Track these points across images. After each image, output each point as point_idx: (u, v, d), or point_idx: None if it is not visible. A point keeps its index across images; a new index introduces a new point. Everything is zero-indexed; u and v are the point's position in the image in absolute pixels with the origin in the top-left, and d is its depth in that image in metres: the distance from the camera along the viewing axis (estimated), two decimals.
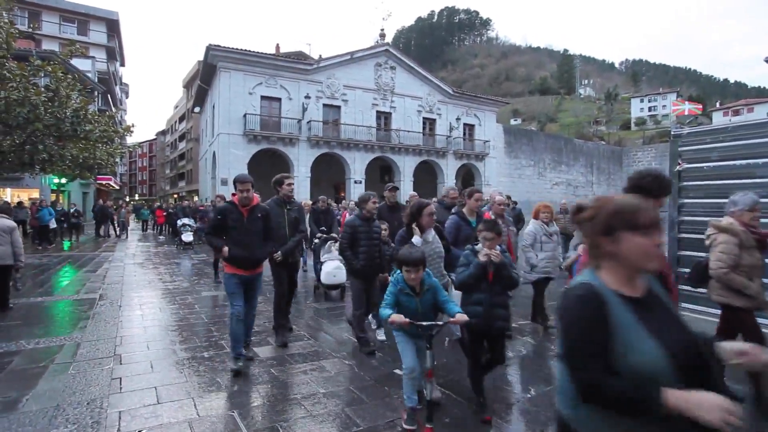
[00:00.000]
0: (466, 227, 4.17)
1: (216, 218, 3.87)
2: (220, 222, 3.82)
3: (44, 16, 29.03)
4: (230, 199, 3.93)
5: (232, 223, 3.78)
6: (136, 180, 76.45)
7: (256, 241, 3.85)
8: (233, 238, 3.77)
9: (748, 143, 4.29)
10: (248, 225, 3.80)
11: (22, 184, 19.60)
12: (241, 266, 3.79)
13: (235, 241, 3.76)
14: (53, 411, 2.95)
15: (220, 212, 3.86)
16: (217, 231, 3.87)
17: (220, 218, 3.81)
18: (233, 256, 3.74)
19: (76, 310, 5.96)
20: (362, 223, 4.23)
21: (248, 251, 3.77)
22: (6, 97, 9.98)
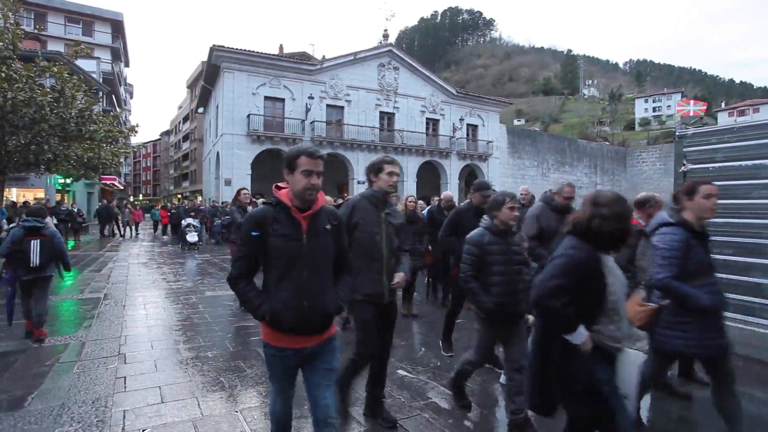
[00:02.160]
0: None
1: (248, 236, 1.89)
2: (254, 244, 1.88)
3: (50, 17, 29.25)
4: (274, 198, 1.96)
5: (279, 243, 1.87)
6: (140, 180, 76.82)
7: (324, 279, 1.96)
8: (278, 274, 1.88)
9: (753, 144, 4.27)
10: (310, 246, 1.90)
11: (27, 184, 19.74)
12: (296, 330, 1.89)
13: (281, 281, 1.87)
14: (58, 409, 2.97)
15: (255, 223, 1.88)
16: (251, 264, 1.93)
17: (256, 236, 1.87)
18: (277, 313, 1.86)
19: (81, 309, 6.00)
20: (494, 239, 2.79)
21: (310, 299, 1.88)
22: (12, 98, 10.06)
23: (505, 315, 2.77)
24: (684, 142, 4.81)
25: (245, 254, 1.90)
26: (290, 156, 1.88)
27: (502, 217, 2.80)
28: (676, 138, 4.89)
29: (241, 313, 5.65)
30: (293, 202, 1.88)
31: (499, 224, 2.82)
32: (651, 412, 3.14)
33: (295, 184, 1.86)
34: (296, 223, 1.87)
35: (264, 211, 1.89)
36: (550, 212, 3.76)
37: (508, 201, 2.80)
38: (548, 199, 3.87)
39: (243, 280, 1.90)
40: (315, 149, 1.88)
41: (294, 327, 1.85)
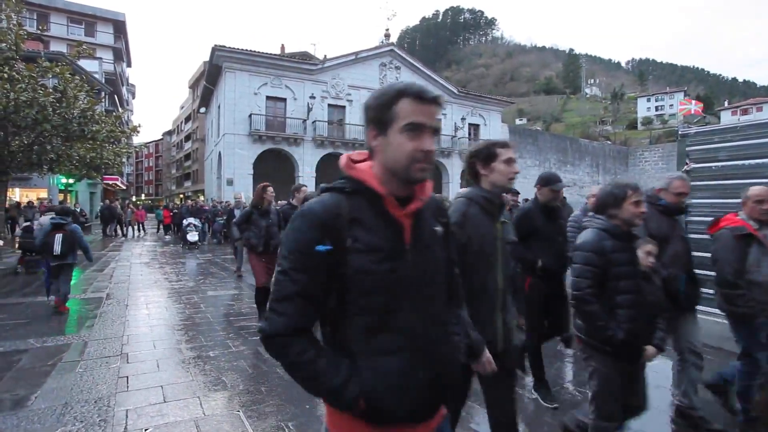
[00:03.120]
0: None
1: (308, 254, 0.98)
2: (320, 269, 0.99)
3: (52, 17, 29.33)
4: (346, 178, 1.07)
5: (368, 264, 0.99)
6: (142, 180, 77.01)
7: (442, 321, 1.14)
8: (369, 323, 1.02)
9: (756, 143, 4.25)
10: (418, 266, 1.05)
11: (30, 184, 19.82)
12: (407, 418, 1.04)
13: (375, 336, 1.02)
14: (61, 409, 2.98)
15: (320, 227, 0.99)
16: (313, 306, 1.02)
17: (324, 253, 0.98)
18: (377, 398, 1.00)
19: (84, 309, 6.02)
20: (617, 245, 2.09)
21: (427, 363, 1.05)
22: (15, 99, 10.10)
23: (634, 347, 2.08)
24: (687, 141, 4.79)
25: (301, 288, 0.98)
26: (381, 101, 1.02)
27: (624, 215, 2.10)
28: (679, 137, 4.87)
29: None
30: (386, 186, 1.02)
31: (621, 225, 2.12)
32: None
33: (392, 150, 1.00)
34: (394, 226, 1.02)
35: (335, 205, 1.00)
36: (658, 214, 2.87)
37: (631, 194, 2.09)
38: (653, 199, 2.93)
39: (299, 339, 0.99)
40: (425, 88, 1.02)
41: (406, 415, 1.03)
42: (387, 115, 1.01)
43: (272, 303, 1.01)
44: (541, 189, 3.23)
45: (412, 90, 1.00)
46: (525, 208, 3.43)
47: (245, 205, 8.99)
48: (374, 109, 1.04)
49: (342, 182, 1.05)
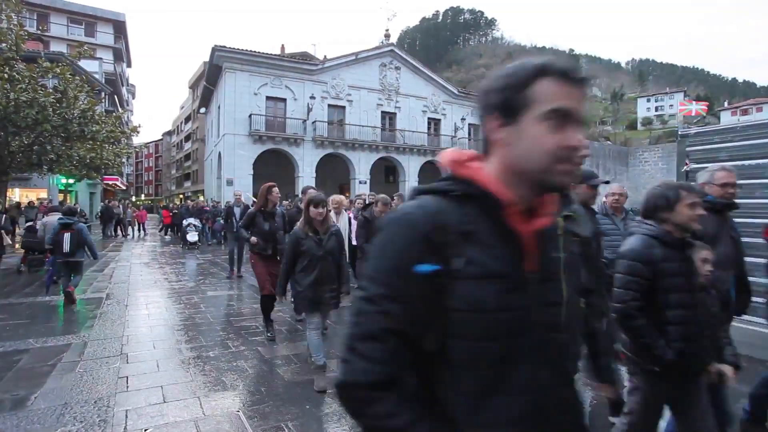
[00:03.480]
0: None
1: (405, 277, 0.71)
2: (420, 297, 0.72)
3: (52, 17, 29.34)
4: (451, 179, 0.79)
5: (485, 294, 0.71)
6: (142, 180, 77.01)
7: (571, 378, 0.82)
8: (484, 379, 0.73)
9: (757, 143, 4.25)
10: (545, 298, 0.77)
11: (30, 185, 19.82)
12: None
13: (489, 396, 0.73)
14: (61, 409, 2.98)
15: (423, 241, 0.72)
16: (407, 348, 0.73)
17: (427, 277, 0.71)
18: None
19: (84, 309, 6.02)
20: (669, 253, 1.86)
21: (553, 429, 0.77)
22: (15, 99, 10.10)
23: (686, 368, 1.83)
24: (687, 141, 4.79)
25: (395, 323, 0.72)
26: (513, 80, 0.77)
27: (677, 219, 1.85)
28: (679, 137, 4.88)
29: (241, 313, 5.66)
30: (510, 191, 0.77)
31: (674, 231, 1.87)
32: None
33: (526, 145, 0.75)
34: (516, 245, 0.76)
35: (440, 212, 0.75)
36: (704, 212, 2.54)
37: (686, 195, 1.85)
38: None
39: (387, 396, 0.72)
40: (572, 65, 0.78)
41: None
42: (520, 99, 0.74)
43: (353, 341, 0.73)
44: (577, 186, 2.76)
45: (557, 67, 0.75)
46: None
47: (246, 204, 8.84)
48: (501, 90, 0.77)
49: (447, 183, 0.79)
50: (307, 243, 3.38)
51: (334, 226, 3.60)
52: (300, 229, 3.45)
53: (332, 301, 3.52)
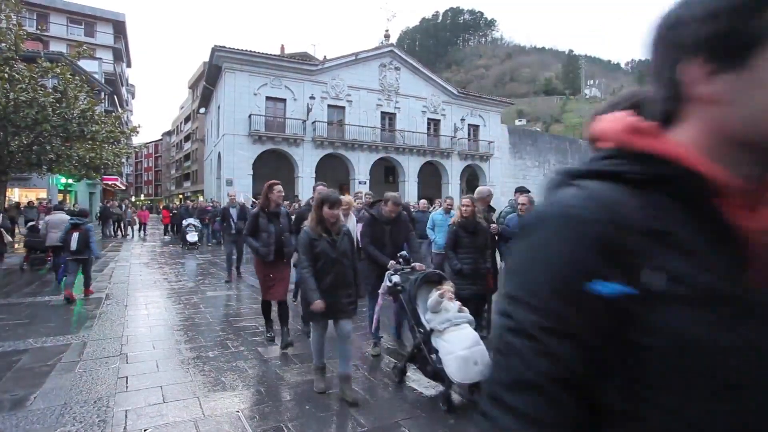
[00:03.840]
0: None
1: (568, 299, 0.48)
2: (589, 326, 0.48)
3: (52, 17, 29.33)
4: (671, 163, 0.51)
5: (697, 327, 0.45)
6: (141, 180, 76.97)
7: None
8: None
9: None
10: None
11: (29, 184, 19.81)
12: None
13: None
14: (60, 409, 2.98)
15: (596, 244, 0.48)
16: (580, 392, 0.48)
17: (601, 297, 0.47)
18: None
19: (83, 309, 6.02)
20: None
21: None
22: (15, 99, 10.10)
23: None
24: None
25: (559, 367, 0.48)
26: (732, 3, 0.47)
27: None
28: None
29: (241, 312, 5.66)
30: (725, 170, 0.50)
31: None
32: None
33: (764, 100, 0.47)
34: (734, 249, 0.49)
35: (617, 203, 0.50)
36: None
37: None
38: None
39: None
40: None
41: None
42: (752, 28, 0.47)
43: (499, 390, 0.51)
44: None
45: None
46: None
47: (242, 204, 8.59)
48: (713, 17, 0.49)
49: (618, 162, 0.54)
50: (321, 245, 3.08)
51: (344, 225, 3.33)
52: (311, 229, 3.14)
53: (350, 307, 3.21)
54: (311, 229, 3.13)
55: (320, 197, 3.15)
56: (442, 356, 2.97)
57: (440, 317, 3.17)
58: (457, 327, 3.08)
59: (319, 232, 3.12)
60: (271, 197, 4.45)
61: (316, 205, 3.16)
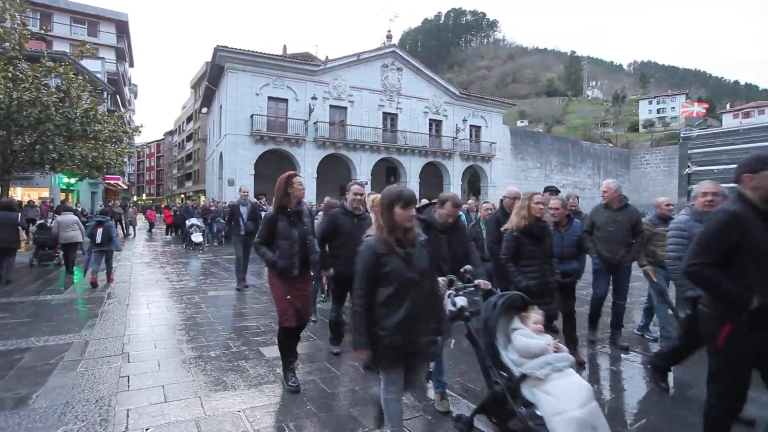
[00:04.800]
0: None
1: None
2: None
3: (55, 17, 29.44)
4: None
5: None
6: (143, 180, 77.13)
7: None
8: None
9: (759, 146, 4.25)
10: None
11: (32, 183, 19.84)
12: None
13: None
14: (62, 408, 2.99)
15: None
16: None
17: None
18: None
19: (85, 308, 6.03)
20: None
21: None
22: (18, 98, 10.14)
23: None
24: (688, 144, 4.80)
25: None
26: None
27: None
28: (681, 140, 4.88)
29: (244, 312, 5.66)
30: None
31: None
32: None
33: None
34: None
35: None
36: None
37: None
38: None
39: None
40: None
41: None
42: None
43: None
44: (758, 175, 2.05)
45: None
46: (732, 210, 2.07)
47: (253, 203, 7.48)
48: None
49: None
50: (392, 262, 2.17)
51: (420, 234, 2.37)
52: (379, 240, 2.21)
53: (430, 349, 2.32)
54: (379, 241, 2.21)
55: (390, 194, 2.25)
56: (547, 417, 2.15)
57: (536, 359, 2.32)
58: (561, 373, 2.27)
59: (391, 244, 2.18)
60: (290, 192, 3.43)
61: (385, 205, 2.25)
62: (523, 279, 3.34)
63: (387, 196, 2.26)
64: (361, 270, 2.19)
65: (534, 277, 3.38)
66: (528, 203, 3.41)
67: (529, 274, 3.38)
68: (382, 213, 2.26)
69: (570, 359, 2.37)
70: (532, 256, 3.41)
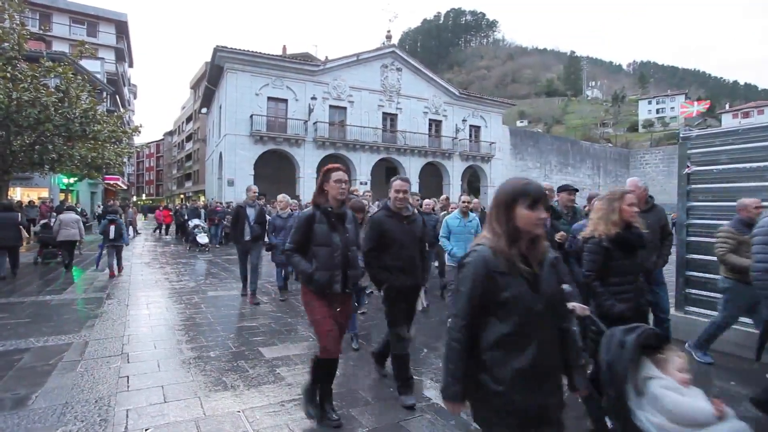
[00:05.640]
0: None
1: None
2: None
3: (54, 17, 29.41)
4: None
5: None
6: (143, 180, 77.08)
7: None
8: None
9: (758, 146, 4.25)
10: None
11: (31, 184, 19.83)
12: None
13: None
14: (62, 408, 2.99)
15: None
16: None
17: None
18: None
19: (84, 308, 6.02)
20: None
21: None
22: (17, 98, 10.13)
23: None
24: (688, 144, 4.79)
25: None
26: None
27: None
28: (680, 140, 4.88)
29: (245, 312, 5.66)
30: None
31: None
32: None
33: None
34: None
35: None
36: None
37: None
38: None
39: None
40: None
41: None
42: None
43: None
44: None
45: None
46: None
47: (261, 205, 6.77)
48: None
49: None
50: (514, 286, 1.50)
51: (549, 248, 1.66)
52: (497, 251, 1.53)
53: (559, 412, 1.57)
54: (497, 251, 1.53)
55: (510, 188, 1.56)
56: None
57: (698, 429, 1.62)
58: None
59: (514, 260, 1.52)
60: (328, 190, 2.79)
61: (502, 204, 1.56)
62: (615, 302, 2.57)
63: (506, 191, 1.58)
64: (466, 291, 1.52)
65: (626, 298, 2.60)
66: (619, 204, 2.65)
67: (620, 296, 2.60)
68: (498, 215, 1.57)
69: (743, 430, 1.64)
70: (624, 271, 2.63)
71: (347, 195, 2.86)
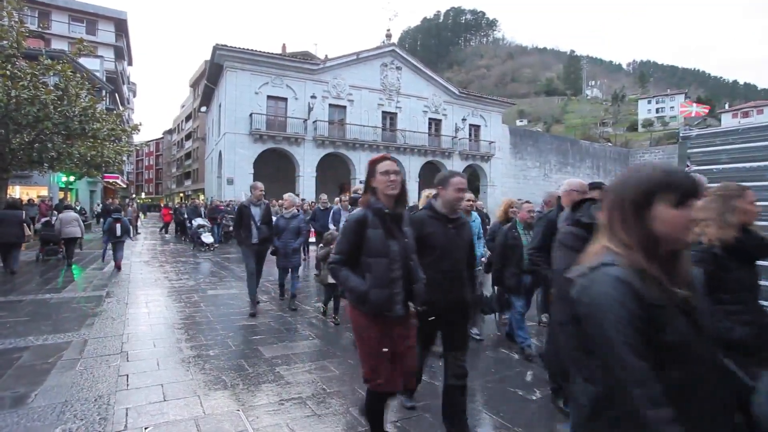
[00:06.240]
0: None
1: None
2: None
3: (54, 15, 29.36)
4: None
5: None
6: (142, 178, 77.00)
7: None
8: None
9: (758, 145, 4.25)
10: None
11: (30, 182, 19.81)
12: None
13: None
14: (61, 407, 2.98)
15: None
16: None
17: None
18: None
19: (84, 307, 6.01)
20: None
21: None
22: (16, 96, 10.10)
23: None
24: (688, 143, 4.79)
25: None
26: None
27: None
28: (680, 139, 4.88)
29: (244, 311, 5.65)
30: None
31: None
32: None
33: None
34: None
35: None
36: None
37: None
38: None
39: None
40: None
41: None
42: None
43: None
44: None
45: None
46: None
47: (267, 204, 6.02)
48: None
49: None
50: (676, 324, 1.02)
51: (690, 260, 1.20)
52: (646, 279, 1.02)
53: None
54: (645, 273, 1.04)
55: (644, 179, 1.09)
56: None
57: None
58: None
59: (667, 283, 1.05)
60: (375, 185, 2.26)
61: (630, 201, 1.09)
62: (734, 325, 1.95)
63: (639, 182, 1.10)
64: (621, 340, 0.98)
65: (746, 320, 1.99)
66: (737, 204, 2.07)
67: (737, 316, 1.99)
68: (625, 217, 1.09)
69: None
70: (742, 286, 2.05)
71: (402, 189, 2.27)
